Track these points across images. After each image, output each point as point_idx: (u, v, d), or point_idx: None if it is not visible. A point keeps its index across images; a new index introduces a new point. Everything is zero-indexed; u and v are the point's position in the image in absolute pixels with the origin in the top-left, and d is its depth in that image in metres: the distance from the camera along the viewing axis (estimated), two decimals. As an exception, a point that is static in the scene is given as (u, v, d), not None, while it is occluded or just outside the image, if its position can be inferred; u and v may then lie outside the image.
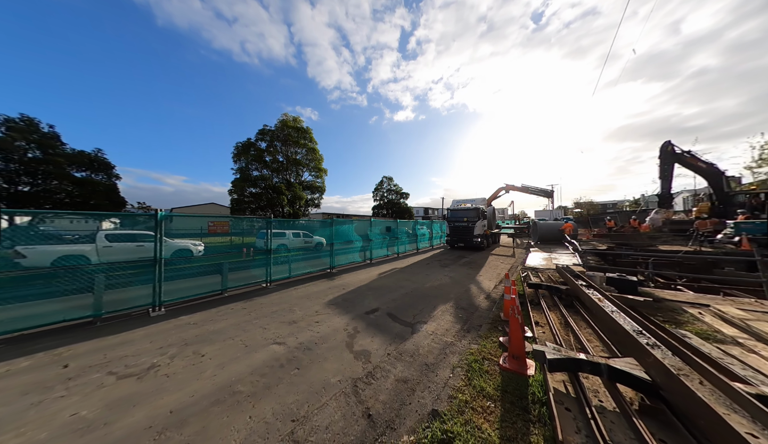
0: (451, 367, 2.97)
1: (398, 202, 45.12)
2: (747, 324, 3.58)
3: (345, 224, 10.29)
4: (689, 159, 14.61)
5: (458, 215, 15.82)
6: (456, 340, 3.69)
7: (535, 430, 2.00)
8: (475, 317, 4.62)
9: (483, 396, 2.43)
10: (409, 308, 5.03)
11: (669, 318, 4.18)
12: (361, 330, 3.98)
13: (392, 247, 12.70)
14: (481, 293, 6.26)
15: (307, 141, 29.59)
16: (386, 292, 6.24)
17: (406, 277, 8.01)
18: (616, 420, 1.97)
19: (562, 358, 2.40)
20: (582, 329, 3.76)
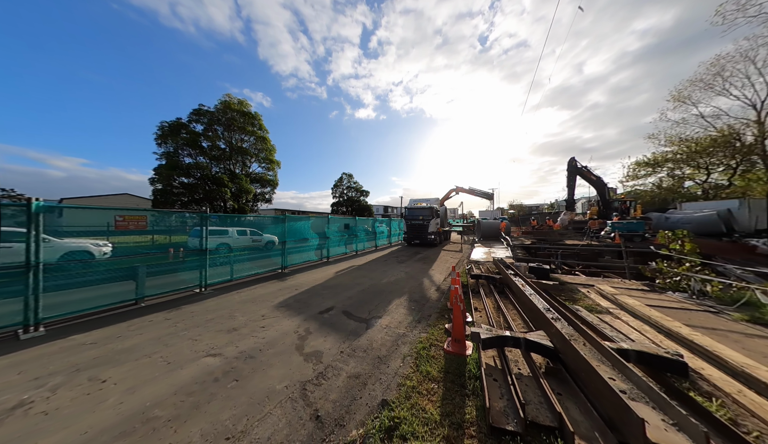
0: (402, 357, 3.11)
1: (358, 199, 44.81)
2: (615, 298, 4.78)
3: (300, 221, 9.69)
4: (586, 173, 18.65)
5: (415, 214, 16.67)
6: (408, 331, 3.88)
7: (470, 402, 2.26)
8: (426, 308, 4.95)
9: (428, 379, 2.62)
10: (365, 304, 5.06)
11: (569, 296, 5.26)
12: (314, 331, 3.82)
13: (351, 245, 12.56)
14: (432, 286, 6.73)
15: (256, 128, 26.60)
16: (342, 290, 6.14)
17: (363, 274, 8.02)
18: (529, 382, 2.38)
19: (493, 337, 2.77)
20: (509, 311, 4.42)
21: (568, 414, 1.94)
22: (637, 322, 3.87)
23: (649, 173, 25.06)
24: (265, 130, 27.31)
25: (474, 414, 2.12)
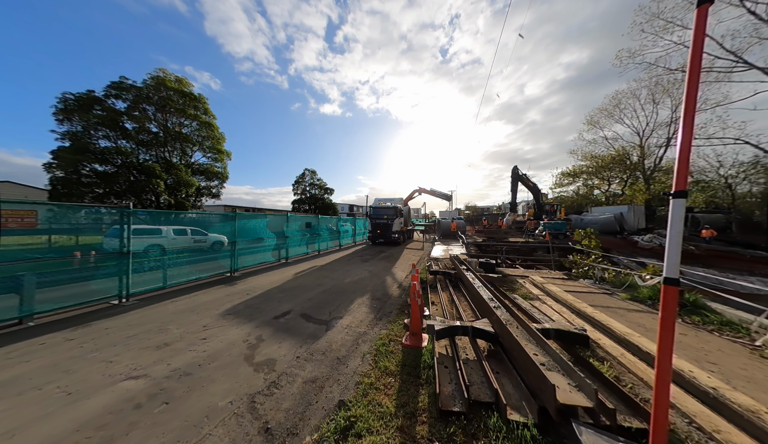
0: (362, 355, 3.12)
1: (322, 197, 43.16)
2: (543, 286, 5.68)
3: (255, 219, 8.86)
4: (525, 179, 21.63)
5: (379, 213, 16.87)
6: (369, 329, 3.92)
7: (423, 391, 2.41)
8: (388, 305, 5.07)
9: (386, 374, 2.69)
10: (326, 306, 4.92)
11: (509, 287, 6.04)
12: (267, 337, 3.55)
13: (313, 245, 12.04)
14: (394, 283, 6.92)
15: (200, 112, 23.19)
16: (302, 291, 5.85)
17: (325, 274, 7.79)
18: (474, 366, 2.66)
19: (445, 328, 3.01)
20: (461, 303, 4.85)
21: (503, 389, 2.23)
22: (558, 305, 4.67)
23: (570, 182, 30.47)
24: (211, 115, 24.03)
25: (426, 401, 2.27)
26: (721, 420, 1.98)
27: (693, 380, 2.32)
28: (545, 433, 1.84)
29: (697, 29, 1.11)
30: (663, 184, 22.85)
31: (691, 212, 18.31)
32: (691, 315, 4.05)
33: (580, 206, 27.06)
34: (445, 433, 1.91)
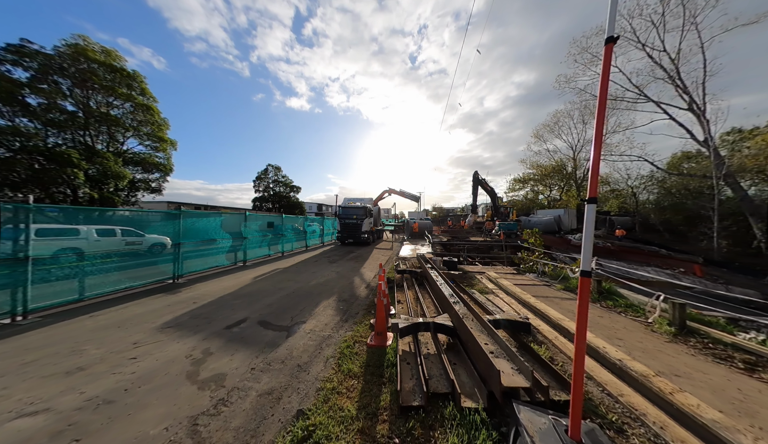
0: (325, 360, 3.02)
1: (287, 195, 40.68)
2: (497, 281, 6.28)
3: (207, 218, 7.91)
4: (484, 184, 23.66)
5: (349, 213, 16.63)
6: (334, 332, 3.82)
7: (386, 389, 2.44)
8: (355, 306, 5.01)
9: (349, 377, 2.65)
10: (287, 311, 4.64)
11: (469, 283, 6.53)
12: (216, 350, 3.19)
13: (276, 246, 11.27)
14: (362, 283, 6.88)
15: (136, 92, 19.79)
16: (261, 297, 5.42)
17: (289, 277, 7.35)
18: (434, 359, 2.80)
19: (409, 325, 3.09)
20: (426, 300, 5.06)
21: (459, 379, 2.39)
22: (508, 297, 5.21)
23: (521, 188, 34.35)
24: (150, 97, 20.63)
25: (389, 399, 2.29)
26: (624, 385, 2.44)
27: (605, 355, 2.81)
28: (493, 415, 2.02)
29: (605, 63, 1.35)
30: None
31: (609, 215, 22.25)
32: (606, 300, 4.91)
33: (528, 209, 30.71)
34: (404, 428, 1.96)
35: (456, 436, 1.83)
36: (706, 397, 2.22)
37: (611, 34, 1.28)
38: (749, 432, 1.81)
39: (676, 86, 15.70)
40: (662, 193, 21.24)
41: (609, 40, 1.31)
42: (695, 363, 2.83)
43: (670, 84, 15.91)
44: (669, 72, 15.86)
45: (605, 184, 27.10)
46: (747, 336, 3.59)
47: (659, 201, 21.35)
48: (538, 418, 1.46)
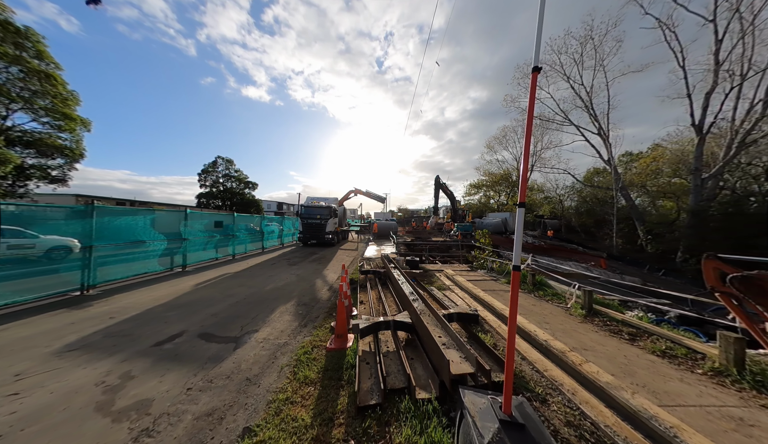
0: (279, 369, 2.83)
1: (241, 192, 36.80)
2: (453, 278, 6.79)
3: (132, 215, 6.62)
4: (445, 187, 25.36)
5: (312, 213, 15.92)
6: (291, 338, 3.59)
7: (344, 392, 2.40)
8: (315, 310, 4.81)
9: (306, 384, 2.53)
10: (237, 320, 4.19)
11: (429, 280, 6.90)
12: (141, 372, 2.69)
13: (225, 248, 10.09)
14: (325, 286, 6.65)
15: (28, 54, 15.46)
16: (204, 306, 4.78)
17: (241, 282, 6.66)
18: (393, 356, 2.87)
19: (370, 325, 3.11)
20: (388, 299, 5.17)
21: (415, 373, 2.50)
22: (462, 292, 5.68)
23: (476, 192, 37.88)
24: (52, 63, 16.33)
25: (346, 402, 2.26)
26: (548, 362, 2.89)
27: (535, 337, 3.29)
28: (444, 402, 2.17)
29: (532, 88, 1.58)
30: (529, 198, 31.65)
31: (542, 219, 26.14)
32: (539, 291, 5.76)
33: (482, 212, 34.03)
34: (360, 428, 1.95)
35: (410, 428, 1.90)
36: (603, 364, 2.78)
37: (536, 64, 1.52)
38: (630, 388, 2.33)
39: (590, 114, 19.41)
40: (580, 200, 25.98)
41: (534, 69, 1.54)
42: (597, 338, 3.52)
43: (586, 112, 19.59)
44: (585, 102, 19.51)
45: (540, 191, 31.85)
46: (631, 314, 4.63)
47: (578, 207, 26.07)
48: (479, 398, 1.62)
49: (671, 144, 19.79)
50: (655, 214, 19.10)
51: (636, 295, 6.86)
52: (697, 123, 14.69)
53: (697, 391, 2.37)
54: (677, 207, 17.76)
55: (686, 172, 16.29)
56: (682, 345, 3.13)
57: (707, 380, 2.55)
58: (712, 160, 14.62)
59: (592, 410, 2.11)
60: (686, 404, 2.20)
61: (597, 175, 25.88)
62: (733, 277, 1.99)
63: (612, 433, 1.88)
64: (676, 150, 19.02)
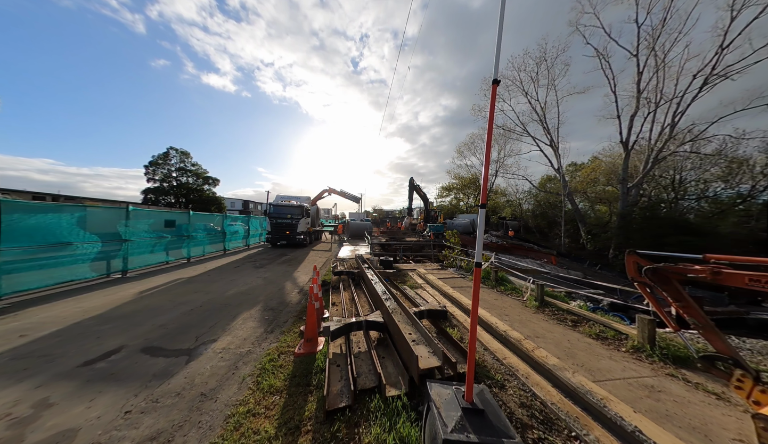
0: (241, 380, 2.61)
1: (199, 188, 33.26)
2: (425, 276, 7.02)
3: (55, 212, 5.52)
4: (419, 189, 26.14)
5: (282, 212, 15.10)
6: (255, 346, 3.35)
7: (313, 397, 2.32)
8: (284, 314, 4.56)
9: (270, 393, 2.38)
10: (191, 329, 3.77)
11: (402, 280, 7.03)
12: (62, 399, 2.26)
13: (178, 250, 9.01)
14: (295, 289, 6.35)
15: None
16: (149, 316, 4.20)
17: (197, 287, 6.01)
18: (364, 357, 2.86)
19: (341, 326, 3.05)
20: (361, 300, 5.13)
21: (385, 371, 2.52)
22: (433, 290, 5.90)
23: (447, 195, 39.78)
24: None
25: (314, 407, 2.19)
26: (507, 350, 3.16)
27: (496, 328, 3.57)
28: (413, 397, 2.23)
29: (492, 99, 1.72)
30: (494, 201, 34.30)
31: (505, 220, 28.54)
32: (500, 286, 6.27)
33: (452, 213, 35.84)
34: (329, 433, 1.91)
35: (379, 426, 1.91)
36: (551, 349, 3.14)
37: (495, 77, 1.66)
38: (571, 368, 2.66)
39: (543, 127, 21.77)
40: (535, 204, 28.97)
41: (494, 82, 1.68)
42: (547, 326, 3.96)
43: (540, 125, 21.94)
44: (540, 116, 21.83)
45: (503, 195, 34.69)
46: (574, 303, 5.30)
47: (534, 210, 29.04)
48: (444, 390, 1.71)
49: (605, 157, 23.32)
50: (593, 216, 22.25)
51: (578, 287, 7.88)
52: (624, 140, 17.51)
53: (621, 367, 2.81)
54: (610, 211, 20.93)
55: (616, 181, 19.28)
56: (611, 328, 3.68)
57: (629, 356, 3.05)
58: (635, 172, 17.54)
59: (541, 391, 2.36)
60: (613, 378, 2.59)
61: (549, 181, 29.19)
62: (646, 269, 2.40)
63: (557, 409, 2.13)
64: (609, 163, 22.43)
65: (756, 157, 15.03)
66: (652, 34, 15.96)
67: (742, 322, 5.93)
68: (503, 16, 1.67)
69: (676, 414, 2.13)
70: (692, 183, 17.37)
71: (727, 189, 16.03)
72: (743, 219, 14.30)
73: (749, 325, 5.86)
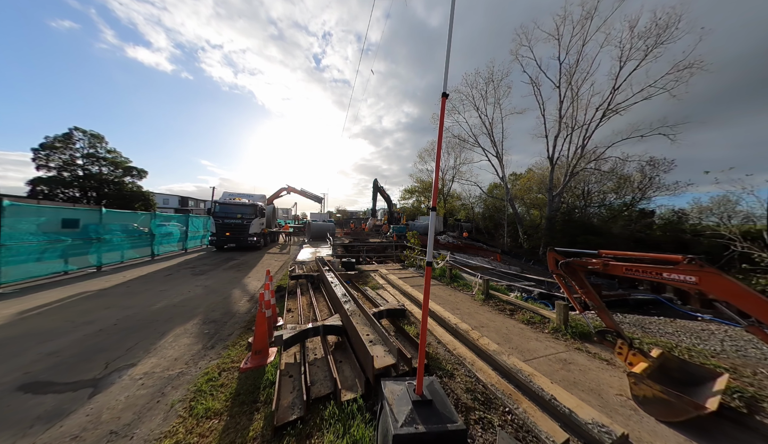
0: (168, 408, 2.23)
1: (118, 180, 27.30)
2: (386, 276, 7.16)
3: None
4: (383, 191, 26.55)
5: (231, 211, 13.49)
6: (189, 366, 2.90)
7: (260, 415, 2.12)
8: (228, 326, 4.07)
9: (207, 418, 2.09)
10: (98, 355, 3.05)
11: (364, 281, 7.02)
12: None
13: (84, 257, 7.22)
14: (244, 296, 5.73)
15: None
16: (32, 344, 3.26)
17: (109, 302, 4.90)
18: (321, 363, 2.76)
19: (295, 334, 2.87)
20: (320, 304, 4.94)
21: (342, 375, 2.47)
22: (394, 289, 6.05)
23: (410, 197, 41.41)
24: None
25: (261, 425, 2.00)
26: (457, 342, 3.44)
27: (448, 322, 3.86)
28: (368, 399, 2.24)
29: (442, 111, 1.86)
30: (451, 204, 37.16)
31: (460, 222, 31.20)
32: (454, 283, 6.81)
33: (414, 215, 37.48)
34: (277, 450, 1.77)
35: (332, 433, 1.86)
36: (493, 336, 3.54)
37: (444, 91, 1.80)
38: (507, 352, 3.05)
39: (491, 140, 24.62)
40: (484, 208, 32.50)
41: (443, 95, 1.82)
42: (491, 316, 4.46)
43: (488, 138, 24.75)
44: (488, 130, 24.62)
45: (458, 199, 37.83)
46: (512, 294, 6.09)
47: (483, 213, 32.54)
48: (397, 386, 1.76)
49: (538, 169, 27.62)
50: (529, 219, 26.09)
51: (516, 281, 9.10)
52: (550, 156, 21.08)
53: (544, 346, 3.35)
54: (540, 215, 24.86)
55: (545, 190, 23.04)
56: (538, 314, 4.35)
57: (550, 337, 3.65)
58: (558, 183, 21.26)
59: (483, 375, 2.65)
60: (538, 357, 3.07)
61: (495, 188, 33.13)
62: (561, 263, 2.93)
63: (495, 389, 2.42)
64: (540, 174, 26.64)
65: (634, 175, 19.87)
66: (569, 71, 19.63)
67: (625, 302, 7.73)
68: (451, 36, 1.83)
69: (580, 380, 2.64)
70: (595, 193, 22.02)
71: (617, 199, 20.83)
72: (627, 222, 18.72)
73: (630, 304, 7.68)
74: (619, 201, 20.69)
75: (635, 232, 17.75)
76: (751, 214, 11.53)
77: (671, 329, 4.16)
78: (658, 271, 2.18)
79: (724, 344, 3.58)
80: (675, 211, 18.27)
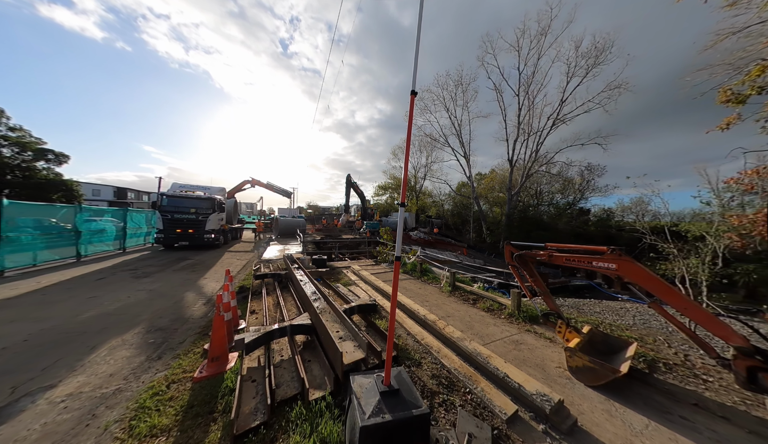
0: (102, 431, 1.93)
1: (27, 165, 22.15)
2: (359, 273, 7.14)
3: None
4: (356, 186, 26.24)
5: (182, 204, 11.99)
6: (128, 382, 2.53)
7: (216, 425, 1.96)
8: (179, 333, 3.65)
9: (152, 436, 1.86)
10: (4, 377, 2.48)
11: (336, 278, 6.90)
12: None
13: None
14: (199, 300, 5.18)
15: None
16: None
17: (18, 314, 4.02)
18: (288, 364, 2.65)
19: (259, 337, 2.70)
20: (288, 303, 4.72)
21: (310, 375, 2.41)
22: (366, 285, 6.07)
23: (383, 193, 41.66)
24: None
25: (218, 437, 1.86)
26: (425, 332, 3.61)
27: (417, 313, 4.03)
28: (337, 395, 2.23)
29: (411, 109, 1.89)
30: (422, 201, 38.41)
31: (431, 218, 32.50)
32: (424, 276, 7.10)
33: (387, 211, 37.85)
34: (237, 460, 1.66)
35: (299, 434, 1.82)
36: (457, 325, 3.80)
37: (413, 89, 1.84)
38: (469, 338, 3.30)
39: (459, 141, 25.97)
40: (453, 205, 34.38)
41: (412, 92, 1.86)
42: (456, 306, 4.77)
43: (457, 139, 26.07)
44: (457, 131, 25.90)
45: (429, 196, 39.27)
46: (476, 285, 6.59)
47: (452, 210, 34.40)
48: (366, 379, 1.79)
49: (500, 170, 30.11)
50: (491, 216, 28.41)
51: (479, 272, 9.86)
52: (510, 159, 23.13)
53: (500, 330, 3.71)
54: (501, 212, 27.26)
55: (505, 190, 25.28)
56: (497, 302, 4.79)
57: (506, 321, 4.05)
58: (516, 184, 23.50)
59: (448, 361, 2.83)
60: (494, 340, 3.39)
61: (463, 187, 35.23)
62: (515, 255, 3.26)
63: (457, 373, 2.61)
64: (501, 175, 29.09)
65: (576, 179, 22.98)
66: (527, 81, 21.61)
67: (566, 288, 8.98)
68: (420, 33, 1.86)
69: (528, 358, 3.00)
70: (546, 193, 25.00)
71: (562, 198, 23.97)
72: (569, 219, 21.64)
73: (570, 289, 8.94)
74: (563, 200, 23.85)
75: (576, 228, 20.66)
76: (657, 213, 14.33)
77: (599, 309, 4.95)
78: (589, 260, 2.56)
79: (635, 319, 4.39)
80: (605, 209, 22.01)
